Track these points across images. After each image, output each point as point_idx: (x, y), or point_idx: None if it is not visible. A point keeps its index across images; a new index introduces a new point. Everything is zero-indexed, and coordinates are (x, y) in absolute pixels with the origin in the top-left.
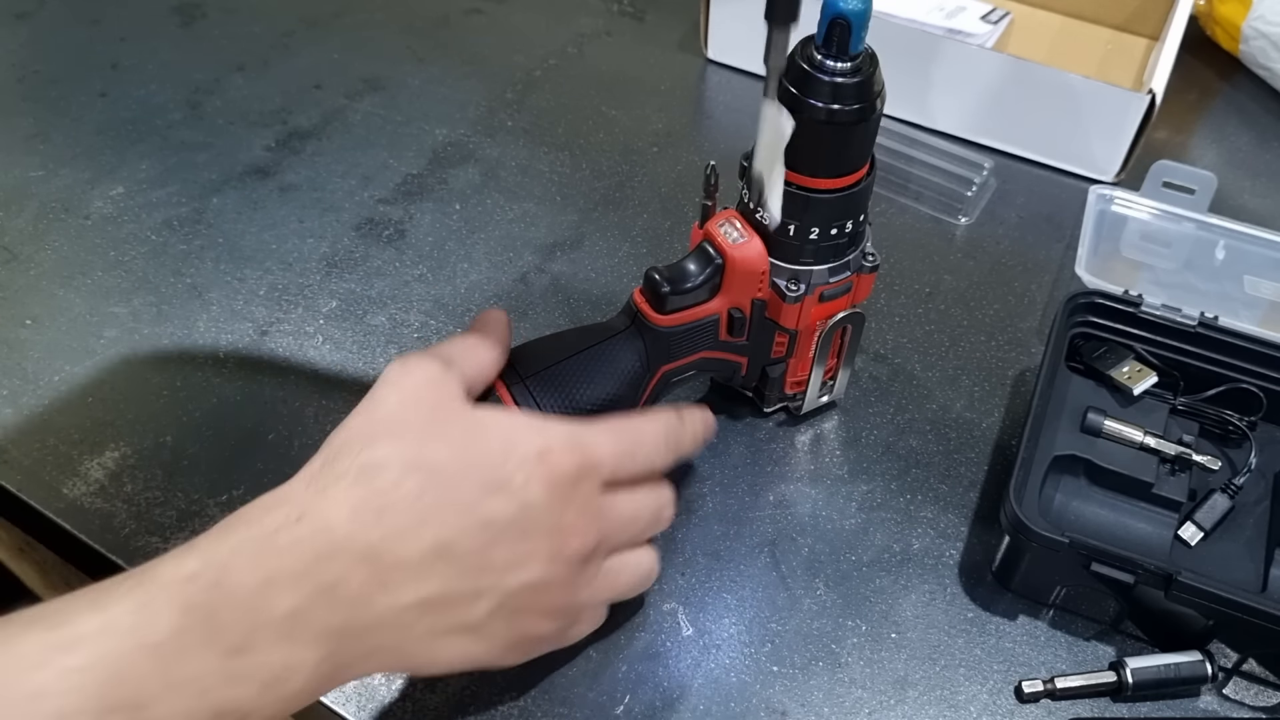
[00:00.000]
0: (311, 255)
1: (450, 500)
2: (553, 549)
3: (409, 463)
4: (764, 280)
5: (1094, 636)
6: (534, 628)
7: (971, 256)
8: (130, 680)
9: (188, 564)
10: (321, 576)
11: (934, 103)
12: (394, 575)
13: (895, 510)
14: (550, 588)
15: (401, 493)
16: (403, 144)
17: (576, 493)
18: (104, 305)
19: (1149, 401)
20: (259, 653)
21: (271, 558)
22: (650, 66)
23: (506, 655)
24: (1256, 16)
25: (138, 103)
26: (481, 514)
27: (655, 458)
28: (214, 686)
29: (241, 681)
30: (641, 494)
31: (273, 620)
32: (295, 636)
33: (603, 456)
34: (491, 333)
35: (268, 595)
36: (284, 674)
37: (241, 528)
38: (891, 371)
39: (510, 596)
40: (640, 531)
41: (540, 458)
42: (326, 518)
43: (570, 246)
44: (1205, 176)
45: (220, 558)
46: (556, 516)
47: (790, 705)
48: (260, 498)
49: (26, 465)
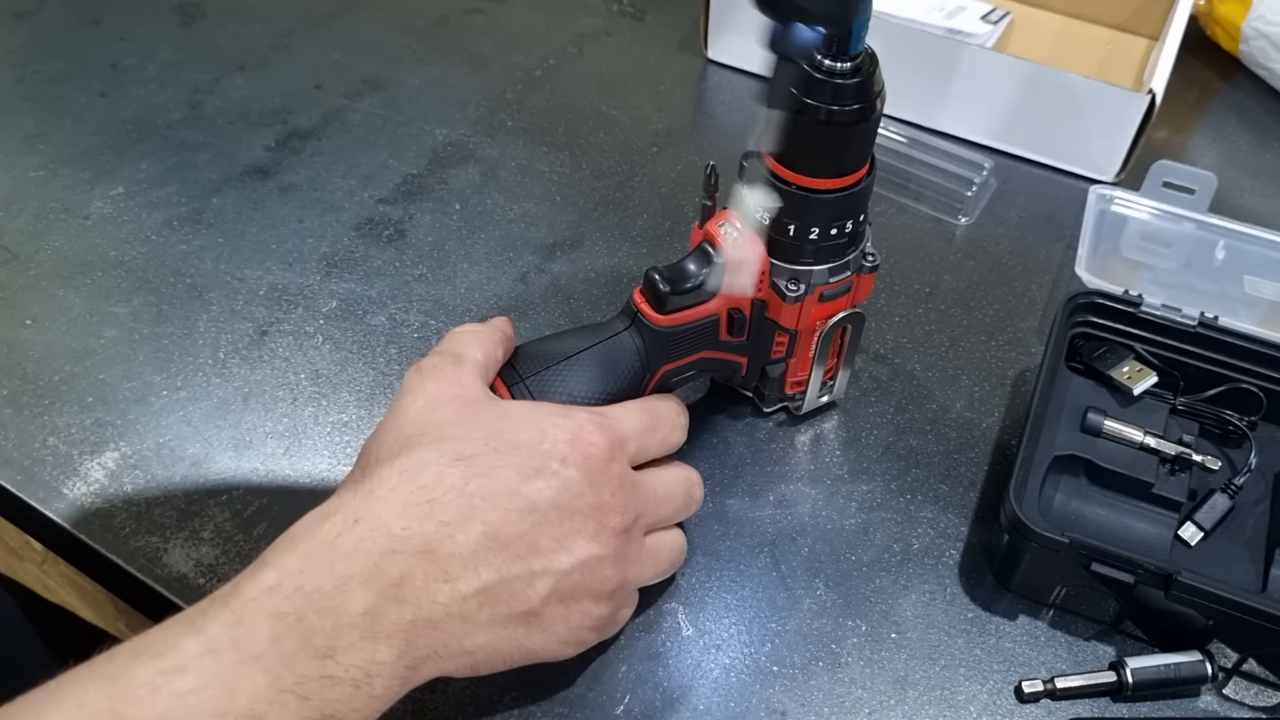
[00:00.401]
0: (311, 255)
1: (493, 488)
2: (596, 525)
3: (448, 457)
4: (764, 280)
5: (1094, 636)
6: (589, 611)
7: (971, 256)
8: (243, 693)
9: (266, 577)
10: (388, 574)
11: (934, 103)
12: (452, 566)
13: (895, 510)
14: (600, 565)
15: (446, 486)
16: (403, 144)
17: (610, 470)
18: (104, 305)
19: (1149, 401)
20: (346, 654)
21: (339, 561)
22: (650, 66)
23: (565, 647)
24: (1256, 16)
25: (138, 103)
26: (525, 498)
27: (673, 435)
28: (315, 691)
29: (336, 684)
30: (671, 473)
31: (354, 620)
32: (375, 634)
33: (627, 433)
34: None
35: (345, 596)
36: (370, 673)
37: (302, 539)
38: (891, 371)
39: (563, 577)
40: (674, 511)
41: (572, 440)
42: (382, 518)
43: (570, 246)
44: (1205, 176)
45: (294, 566)
46: (595, 494)
47: (790, 705)
48: (311, 511)
49: (26, 465)
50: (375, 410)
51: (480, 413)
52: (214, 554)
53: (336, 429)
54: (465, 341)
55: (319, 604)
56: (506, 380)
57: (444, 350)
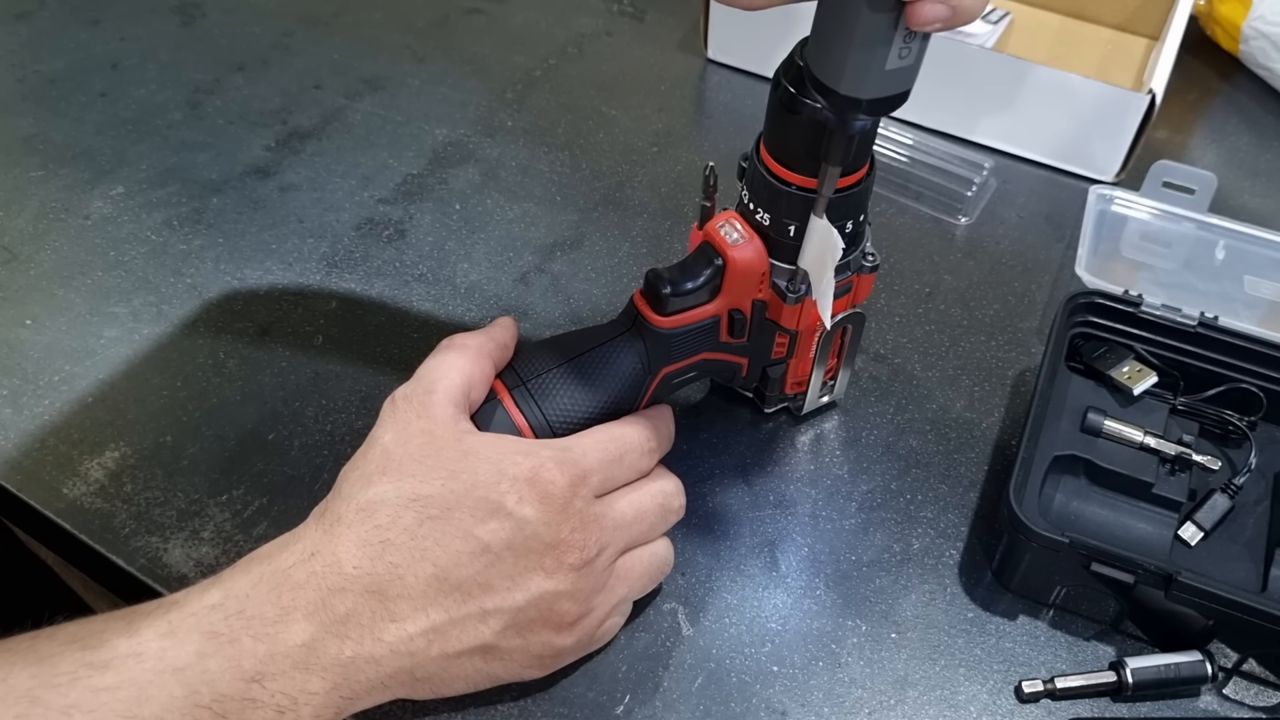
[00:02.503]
0: (311, 255)
1: (446, 529)
2: (553, 563)
3: (405, 497)
4: (764, 281)
5: (1094, 636)
6: (551, 640)
7: (971, 256)
8: (155, 701)
9: (211, 594)
10: (334, 610)
11: (934, 103)
12: (399, 607)
13: (895, 510)
14: (557, 600)
15: (400, 527)
16: (403, 144)
17: (570, 507)
18: (104, 305)
19: (1149, 401)
20: (275, 680)
21: (287, 592)
22: (650, 66)
23: (529, 670)
24: (1256, 16)
25: (138, 103)
26: (477, 540)
27: (641, 461)
28: (234, 711)
29: (259, 707)
30: (642, 492)
31: (289, 650)
32: (309, 666)
33: (591, 467)
34: (493, 334)
35: (285, 626)
36: (298, 701)
37: (260, 563)
38: (891, 371)
39: (517, 613)
40: (650, 528)
41: (531, 479)
42: (336, 555)
43: (570, 246)
44: (1205, 176)
45: (241, 589)
46: (553, 532)
47: (790, 705)
48: (278, 537)
49: (26, 465)
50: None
51: (443, 448)
52: (214, 554)
53: (336, 430)
54: (443, 367)
55: (256, 629)
56: (508, 383)
57: (422, 376)
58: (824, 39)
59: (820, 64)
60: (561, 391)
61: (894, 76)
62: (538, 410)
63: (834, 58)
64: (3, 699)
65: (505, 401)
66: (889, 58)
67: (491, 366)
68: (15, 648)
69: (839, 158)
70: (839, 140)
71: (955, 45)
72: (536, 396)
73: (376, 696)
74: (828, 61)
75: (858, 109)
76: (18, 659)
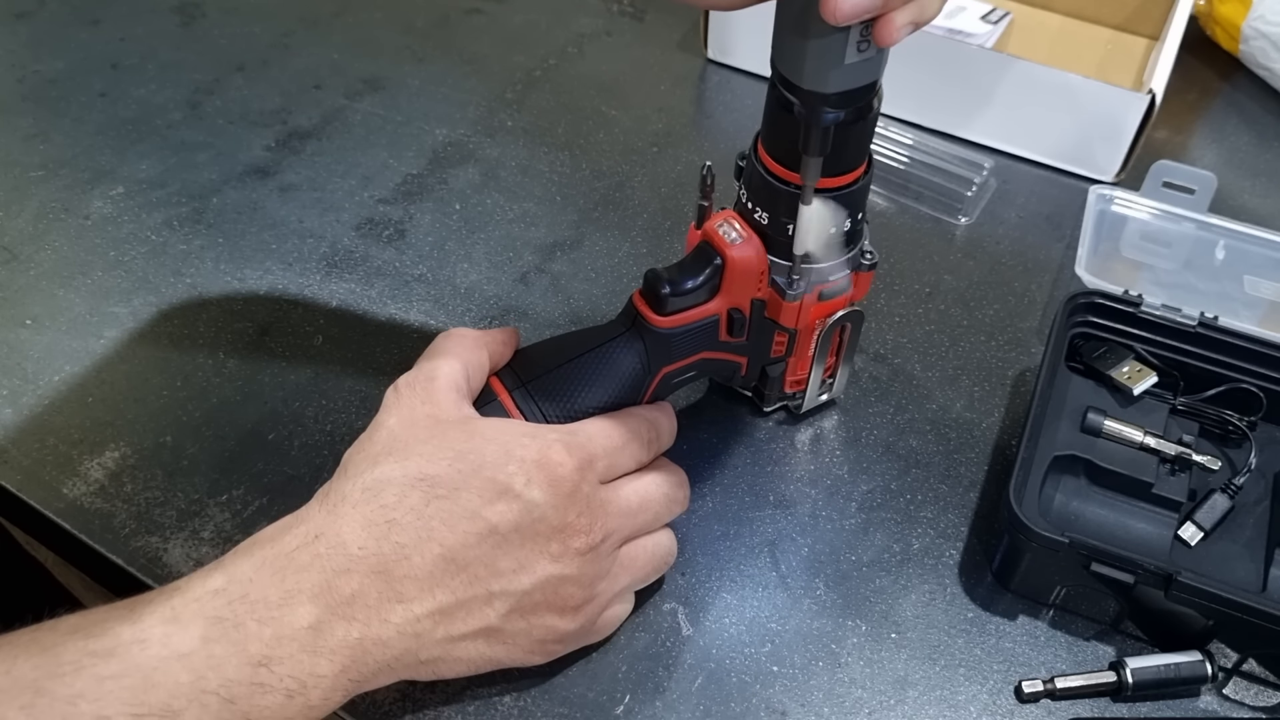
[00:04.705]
0: (311, 255)
1: (454, 510)
2: (560, 547)
3: (411, 477)
4: (763, 280)
5: (1094, 636)
6: (554, 625)
7: (971, 256)
8: (161, 687)
9: (214, 579)
10: (340, 591)
11: (934, 103)
12: (406, 587)
13: (895, 510)
14: (562, 584)
15: (406, 507)
16: (403, 144)
17: (578, 492)
18: (104, 305)
19: (1149, 401)
20: (283, 664)
21: (292, 574)
22: (650, 66)
23: (532, 655)
24: (1256, 16)
25: (138, 103)
26: (485, 521)
27: (642, 451)
28: (243, 696)
29: (267, 691)
30: (646, 481)
31: (296, 633)
32: (317, 649)
33: (597, 452)
34: (493, 332)
35: (290, 609)
36: (307, 684)
37: (263, 546)
38: (891, 371)
39: (523, 596)
40: (654, 517)
41: (539, 462)
42: (341, 535)
43: (570, 246)
44: (1205, 176)
45: (245, 573)
46: (560, 516)
47: (790, 705)
48: (280, 520)
49: (26, 465)
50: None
51: (449, 431)
52: (214, 554)
53: (336, 430)
54: (446, 353)
55: (261, 613)
56: (508, 384)
57: (422, 365)
58: (784, 37)
59: (784, 61)
60: (561, 392)
61: (856, 70)
62: (537, 411)
63: (794, 55)
64: (7, 690)
65: (505, 402)
66: (846, 53)
67: (488, 357)
68: (17, 640)
69: (816, 149)
70: (815, 132)
71: (955, 45)
72: (536, 397)
73: (383, 678)
74: (789, 59)
75: (824, 103)
76: (20, 650)
